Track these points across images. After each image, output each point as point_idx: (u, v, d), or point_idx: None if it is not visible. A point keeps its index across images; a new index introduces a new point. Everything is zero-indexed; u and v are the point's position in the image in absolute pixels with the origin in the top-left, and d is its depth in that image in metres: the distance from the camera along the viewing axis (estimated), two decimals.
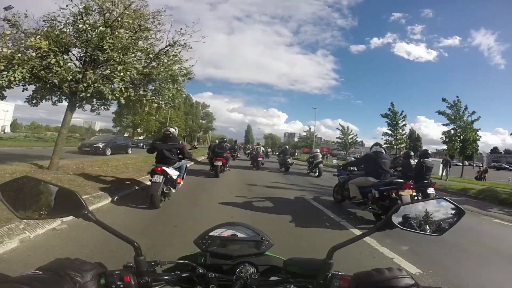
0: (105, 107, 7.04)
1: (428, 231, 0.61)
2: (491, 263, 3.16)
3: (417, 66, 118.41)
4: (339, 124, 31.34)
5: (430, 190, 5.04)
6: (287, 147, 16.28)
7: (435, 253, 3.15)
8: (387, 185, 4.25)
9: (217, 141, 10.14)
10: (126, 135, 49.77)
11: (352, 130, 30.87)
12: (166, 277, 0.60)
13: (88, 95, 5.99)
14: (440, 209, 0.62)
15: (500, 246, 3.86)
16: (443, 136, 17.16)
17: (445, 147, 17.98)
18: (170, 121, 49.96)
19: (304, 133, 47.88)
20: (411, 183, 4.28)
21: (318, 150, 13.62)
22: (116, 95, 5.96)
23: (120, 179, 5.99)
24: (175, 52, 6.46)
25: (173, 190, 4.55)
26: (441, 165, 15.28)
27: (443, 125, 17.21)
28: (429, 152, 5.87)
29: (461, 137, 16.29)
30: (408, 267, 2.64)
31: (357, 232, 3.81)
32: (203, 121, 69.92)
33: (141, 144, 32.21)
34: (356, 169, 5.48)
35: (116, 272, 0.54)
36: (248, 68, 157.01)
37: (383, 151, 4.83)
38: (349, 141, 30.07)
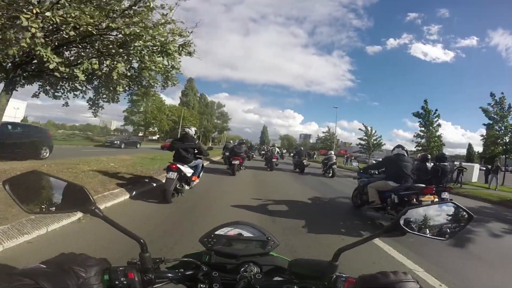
0: (63, 89, 5.16)
1: (436, 235, 0.62)
2: None
3: (434, 67, 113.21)
4: (362, 124, 29.16)
5: (445, 195, 4.85)
6: (302, 148, 16.36)
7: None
8: (407, 189, 4.17)
9: (235, 141, 12.47)
10: (140, 134, 52.26)
11: (376, 131, 29.00)
12: (169, 275, 0.61)
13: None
14: (448, 213, 0.63)
15: None
16: (483, 138, 15.78)
17: (463, 150, 16.84)
18: (184, 121, 50.54)
19: (323, 134, 45.97)
20: (433, 188, 4.17)
21: (333, 152, 14.08)
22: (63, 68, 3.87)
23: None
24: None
25: (187, 187, 4.85)
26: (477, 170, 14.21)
27: (484, 124, 15.76)
28: (446, 155, 5.67)
29: (506, 139, 14.75)
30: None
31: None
32: (218, 121, 69.90)
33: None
34: (377, 173, 5.41)
35: (120, 268, 0.55)
36: (264, 69, 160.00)
37: (405, 154, 4.74)
38: (374, 142, 28.29)
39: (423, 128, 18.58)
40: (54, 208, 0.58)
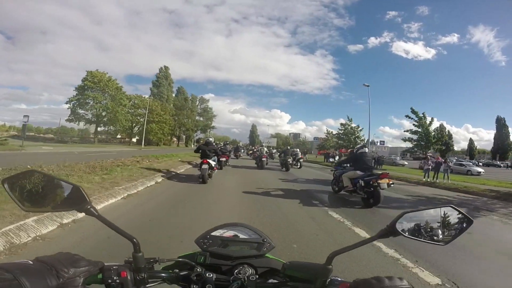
0: None
1: (434, 239, 0.63)
2: None
3: (416, 64, 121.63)
4: (342, 123, 30.95)
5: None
6: (288, 147, 18.83)
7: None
8: (369, 176, 6.17)
9: (221, 142, 14.73)
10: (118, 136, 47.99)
11: (358, 126, 30.43)
12: (163, 275, 0.65)
13: None
14: (447, 217, 0.64)
15: None
16: None
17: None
18: (152, 114, 44.07)
19: (341, 129, 32.30)
20: (387, 173, 6.20)
21: (299, 150, 18.75)
22: None
23: None
24: None
25: (213, 173, 8.51)
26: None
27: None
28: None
29: None
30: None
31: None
32: (201, 118, 63.87)
33: None
34: (349, 165, 7.39)
35: (114, 267, 0.59)
36: (248, 70, 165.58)
37: (367, 151, 6.78)
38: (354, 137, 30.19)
39: (418, 129, 21.12)
40: (51, 206, 0.63)
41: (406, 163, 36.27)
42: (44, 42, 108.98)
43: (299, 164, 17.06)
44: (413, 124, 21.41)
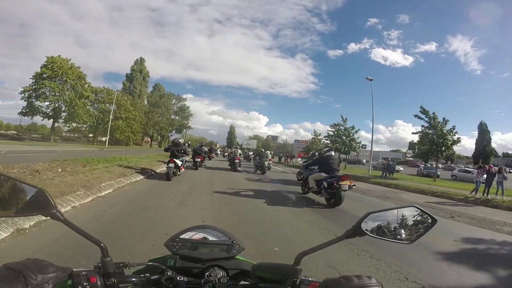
0: None
1: (399, 238, 0.66)
2: None
3: (394, 71, 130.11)
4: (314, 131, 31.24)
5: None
6: (263, 150, 18.82)
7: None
8: (332, 178, 6.70)
9: (197, 144, 16.39)
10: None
11: (359, 130, 28.09)
12: (134, 279, 0.65)
13: None
14: (411, 217, 0.67)
15: None
16: None
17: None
18: (120, 110, 41.02)
19: (333, 130, 27.93)
20: (349, 176, 6.78)
21: (268, 152, 18.09)
22: None
23: None
24: None
25: (178, 172, 9.17)
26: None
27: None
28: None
29: None
30: None
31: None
32: (176, 117, 60.04)
33: None
34: (316, 168, 7.92)
35: (83, 273, 0.59)
36: (228, 71, 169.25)
37: (333, 154, 7.33)
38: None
39: (429, 131, 18.66)
40: (13, 211, 0.61)
41: (402, 168, 32.50)
42: (22, 36, 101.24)
43: (270, 166, 16.79)
44: (422, 126, 18.76)
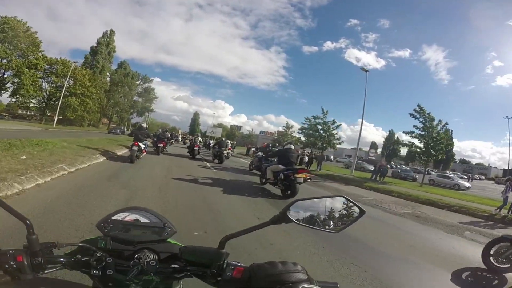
0: None
1: (326, 227, 0.68)
2: None
3: (363, 72, 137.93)
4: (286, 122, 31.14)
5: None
6: (224, 139, 18.32)
7: None
8: (288, 170, 6.90)
9: (160, 130, 17.74)
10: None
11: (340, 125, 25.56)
12: (62, 260, 0.64)
13: None
14: (339, 206, 0.69)
15: None
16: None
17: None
18: (76, 85, 36.26)
19: (308, 123, 25.26)
20: (305, 168, 7.05)
21: (229, 141, 17.90)
22: None
23: None
24: None
25: (141, 155, 9.66)
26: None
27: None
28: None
29: None
30: None
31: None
32: (140, 99, 56.44)
33: None
34: (275, 159, 8.07)
35: (10, 251, 0.58)
36: (200, 57, 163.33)
37: (292, 148, 7.54)
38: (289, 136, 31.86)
39: (423, 133, 17.65)
40: None
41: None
42: None
43: (228, 156, 16.32)
44: (414, 126, 17.53)
